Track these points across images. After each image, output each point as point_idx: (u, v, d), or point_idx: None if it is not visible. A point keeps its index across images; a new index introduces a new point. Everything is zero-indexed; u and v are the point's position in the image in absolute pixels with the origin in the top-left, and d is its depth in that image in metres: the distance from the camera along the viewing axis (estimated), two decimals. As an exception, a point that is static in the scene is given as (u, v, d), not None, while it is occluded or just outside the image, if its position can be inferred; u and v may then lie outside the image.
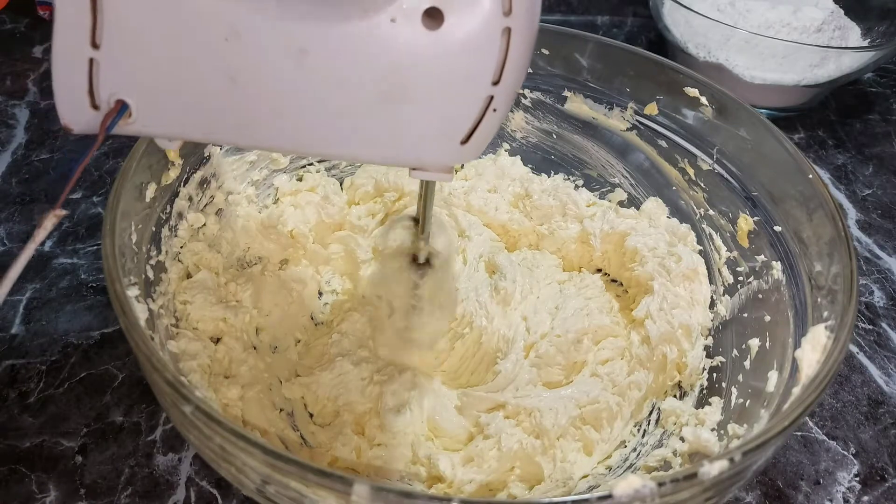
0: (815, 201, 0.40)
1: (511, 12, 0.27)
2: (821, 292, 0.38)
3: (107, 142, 0.65)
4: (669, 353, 0.46)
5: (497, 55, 0.27)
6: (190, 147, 0.44)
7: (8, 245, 0.55)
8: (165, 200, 0.43)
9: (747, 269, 0.46)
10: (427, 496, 0.26)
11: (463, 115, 0.29)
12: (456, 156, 0.30)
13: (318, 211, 0.53)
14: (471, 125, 0.29)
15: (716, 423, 0.41)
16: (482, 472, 0.41)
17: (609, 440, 0.44)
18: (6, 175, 0.61)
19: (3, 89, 0.70)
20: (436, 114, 0.29)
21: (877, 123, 0.79)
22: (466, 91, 0.28)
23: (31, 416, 0.44)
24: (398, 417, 0.43)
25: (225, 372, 0.43)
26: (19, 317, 0.50)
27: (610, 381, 0.46)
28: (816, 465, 0.46)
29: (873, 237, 0.64)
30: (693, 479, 0.27)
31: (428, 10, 0.26)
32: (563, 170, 0.58)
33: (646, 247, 0.51)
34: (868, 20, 0.77)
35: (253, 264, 0.50)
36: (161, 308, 0.41)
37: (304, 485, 0.27)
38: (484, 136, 0.29)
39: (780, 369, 0.38)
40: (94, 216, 0.58)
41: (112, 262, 0.33)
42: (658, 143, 0.52)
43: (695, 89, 0.49)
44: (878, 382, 0.51)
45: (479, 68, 0.28)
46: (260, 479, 0.30)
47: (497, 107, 0.29)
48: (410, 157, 0.30)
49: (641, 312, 0.48)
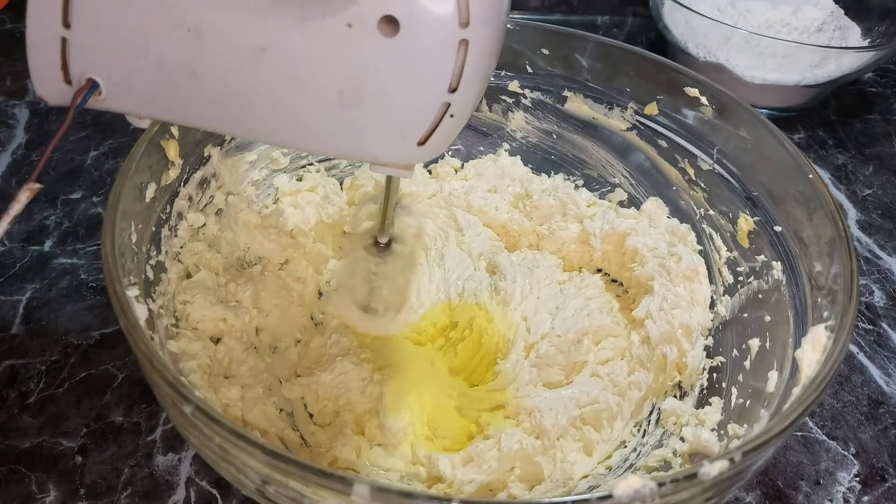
0: (815, 201, 0.40)
1: (469, 24, 0.27)
2: (821, 292, 0.38)
3: (106, 140, 0.65)
4: (669, 353, 0.46)
5: (454, 64, 0.28)
6: (190, 147, 0.44)
7: (8, 245, 0.55)
8: (165, 200, 0.43)
9: (747, 269, 0.46)
10: (427, 496, 0.26)
11: (419, 120, 0.29)
12: (413, 155, 0.30)
13: (318, 211, 0.53)
14: (427, 129, 0.29)
15: (716, 423, 0.41)
16: (482, 472, 0.41)
17: (609, 440, 0.44)
18: (6, 175, 0.61)
19: (3, 89, 0.70)
20: (392, 117, 0.29)
21: (877, 123, 0.79)
22: (422, 97, 0.29)
23: (31, 416, 0.44)
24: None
25: (225, 372, 0.43)
26: (19, 317, 0.50)
27: (610, 381, 0.46)
28: (816, 466, 0.46)
29: (873, 237, 0.64)
30: (693, 479, 0.27)
31: (384, 17, 0.27)
32: (563, 170, 0.58)
33: (646, 247, 0.51)
34: (868, 20, 0.77)
35: (253, 264, 0.50)
36: (161, 308, 0.41)
37: (304, 485, 0.27)
38: (442, 139, 0.30)
39: (780, 369, 0.38)
40: (94, 216, 0.58)
41: (112, 262, 0.33)
42: (658, 143, 0.52)
43: (695, 89, 0.49)
44: (878, 382, 0.51)
45: (435, 76, 0.28)
46: (260, 479, 0.30)
47: (454, 113, 0.29)
48: (368, 154, 0.31)
49: (641, 312, 0.48)
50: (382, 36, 0.27)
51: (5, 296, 0.51)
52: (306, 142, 0.31)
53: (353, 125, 0.30)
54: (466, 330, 0.49)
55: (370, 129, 0.30)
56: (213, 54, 0.29)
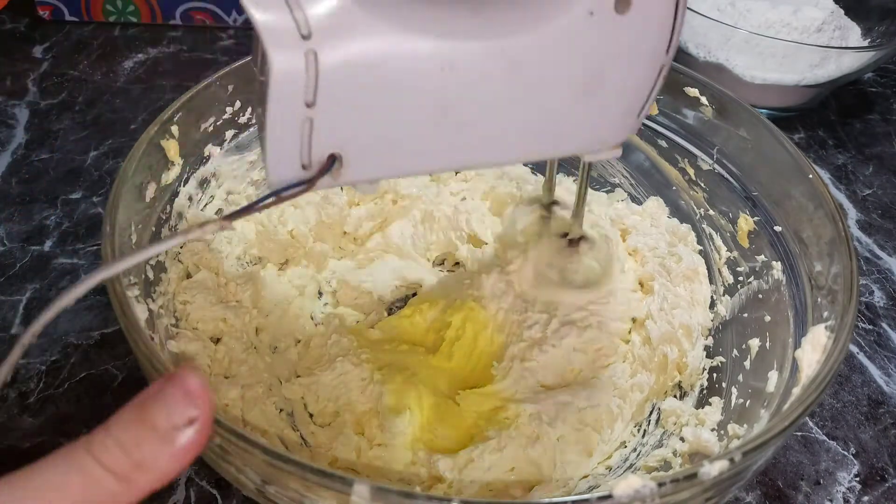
0: (815, 201, 0.40)
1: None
2: (821, 292, 0.38)
3: (106, 140, 0.65)
4: (670, 353, 0.46)
5: (671, 24, 0.29)
6: (190, 147, 0.44)
7: (8, 245, 0.55)
8: (165, 200, 0.43)
9: (747, 269, 0.46)
10: (427, 496, 0.26)
11: (644, 88, 0.30)
12: (632, 127, 0.31)
13: (318, 211, 0.53)
14: (647, 95, 0.30)
15: (716, 423, 0.41)
16: (482, 472, 0.41)
17: (609, 441, 0.44)
18: (6, 175, 0.61)
19: (3, 89, 0.70)
20: (625, 94, 0.30)
21: (877, 123, 0.79)
22: (649, 65, 0.30)
23: (31, 416, 0.44)
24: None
25: (225, 372, 0.43)
26: (19, 317, 0.50)
27: (611, 382, 0.46)
28: (816, 466, 0.46)
29: (873, 237, 0.64)
30: (693, 479, 0.27)
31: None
32: (563, 169, 0.58)
33: (646, 247, 0.51)
34: (868, 20, 0.77)
35: (253, 264, 0.50)
36: (161, 308, 0.41)
37: (304, 485, 0.27)
38: (650, 104, 0.31)
39: (780, 369, 0.38)
40: (94, 216, 0.58)
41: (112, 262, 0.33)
42: (658, 142, 0.52)
43: (695, 89, 0.49)
44: (878, 382, 0.51)
45: (659, 41, 0.29)
46: (260, 479, 0.30)
47: (664, 73, 0.30)
48: (601, 140, 0.31)
49: (642, 313, 0.48)
50: (619, 15, 0.28)
51: (5, 296, 0.51)
52: (544, 149, 0.31)
53: (591, 114, 0.30)
54: (460, 329, 0.49)
55: (606, 113, 0.30)
56: (466, 86, 0.27)
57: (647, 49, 0.29)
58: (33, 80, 0.71)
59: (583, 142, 0.31)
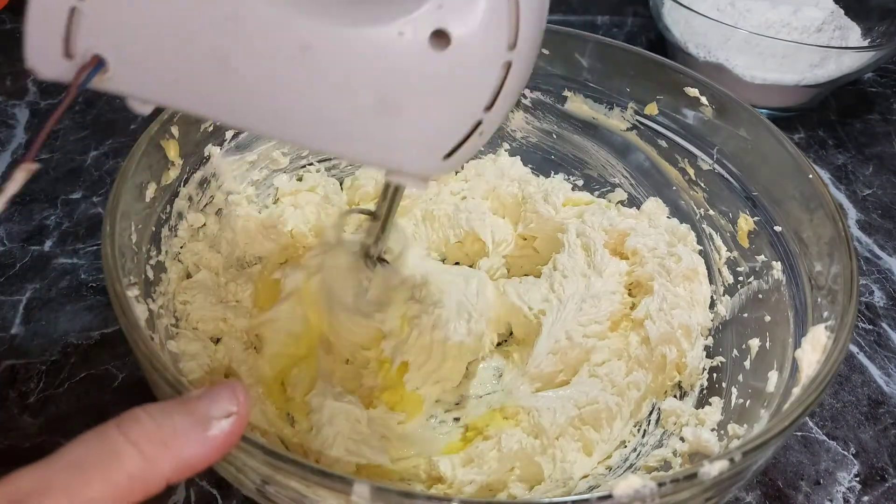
0: (815, 201, 0.40)
1: (515, 47, 0.27)
2: (821, 292, 0.38)
3: (106, 140, 0.65)
4: (669, 353, 0.46)
5: (494, 84, 0.28)
6: (190, 147, 0.44)
7: (8, 245, 0.55)
8: (165, 200, 0.43)
9: (747, 269, 0.46)
10: (427, 496, 0.26)
11: (451, 134, 0.29)
12: (436, 168, 0.30)
13: (318, 211, 0.53)
14: (456, 143, 0.29)
15: (716, 423, 0.41)
16: (482, 472, 0.41)
17: (609, 440, 0.44)
18: (6, 175, 0.61)
19: (3, 89, 0.70)
20: (425, 129, 0.29)
21: (877, 123, 0.79)
22: (459, 113, 0.29)
23: (30, 416, 0.44)
24: (398, 418, 0.43)
25: (225, 372, 0.43)
26: (19, 317, 0.50)
27: (609, 381, 0.46)
28: (816, 466, 0.46)
29: (873, 237, 0.64)
30: (693, 479, 0.27)
31: (437, 31, 0.27)
32: (563, 170, 0.58)
33: (646, 247, 0.51)
34: (868, 20, 0.77)
35: (253, 264, 0.50)
36: (161, 308, 0.41)
37: (304, 485, 0.27)
38: (466, 154, 0.30)
39: (780, 369, 0.38)
40: (94, 216, 0.58)
41: (112, 263, 0.33)
42: (658, 143, 0.52)
43: (695, 89, 0.49)
44: (878, 382, 0.51)
45: (475, 94, 0.28)
46: (260, 479, 0.30)
47: (483, 131, 0.29)
48: (392, 162, 0.30)
49: (641, 313, 0.48)
50: (432, 49, 0.27)
51: (5, 296, 0.51)
52: (332, 144, 0.30)
53: (384, 132, 0.29)
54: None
55: (400, 138, 0.29)
56: (251, 46, 0.27)
57: (459, 98, 0.28)
58: (33, 80, 0.71)
59: (376, 158, 0.30)
